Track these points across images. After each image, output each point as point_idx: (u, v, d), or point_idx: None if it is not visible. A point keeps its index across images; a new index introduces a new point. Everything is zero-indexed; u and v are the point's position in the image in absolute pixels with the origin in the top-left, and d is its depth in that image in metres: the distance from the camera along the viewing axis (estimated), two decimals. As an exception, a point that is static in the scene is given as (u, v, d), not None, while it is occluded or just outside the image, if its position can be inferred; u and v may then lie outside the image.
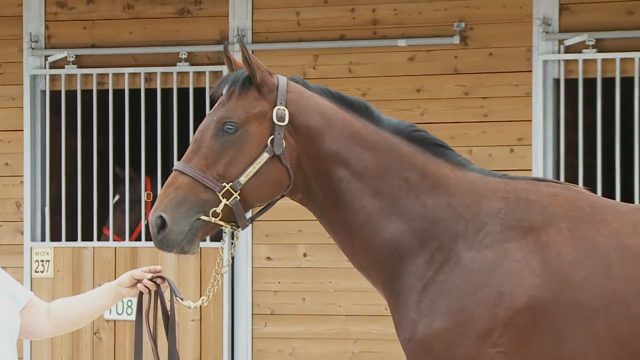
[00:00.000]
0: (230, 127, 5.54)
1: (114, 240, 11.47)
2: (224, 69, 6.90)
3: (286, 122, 5.54)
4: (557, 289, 5.47)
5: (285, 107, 5.55)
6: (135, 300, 5.78)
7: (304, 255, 10.86)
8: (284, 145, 5.53)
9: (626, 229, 5.55)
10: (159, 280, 5.60)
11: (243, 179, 5.51)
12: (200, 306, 5.80)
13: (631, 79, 10.34)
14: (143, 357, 5.80)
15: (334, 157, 5.65)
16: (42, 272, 11.34)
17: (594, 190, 7.86)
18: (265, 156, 5.53)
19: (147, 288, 5.64)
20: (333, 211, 5.73)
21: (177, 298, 5.62)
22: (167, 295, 5.69)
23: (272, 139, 5.53)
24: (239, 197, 5.52)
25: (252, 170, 5.51)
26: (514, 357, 5.47)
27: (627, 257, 5.48)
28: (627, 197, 10.16)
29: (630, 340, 5.42)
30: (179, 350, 5.84)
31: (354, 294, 10.06)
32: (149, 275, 5.60)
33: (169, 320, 5.72)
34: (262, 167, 5.53)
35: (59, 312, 5.67)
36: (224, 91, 5.66)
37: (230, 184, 5.51)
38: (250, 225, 5.87)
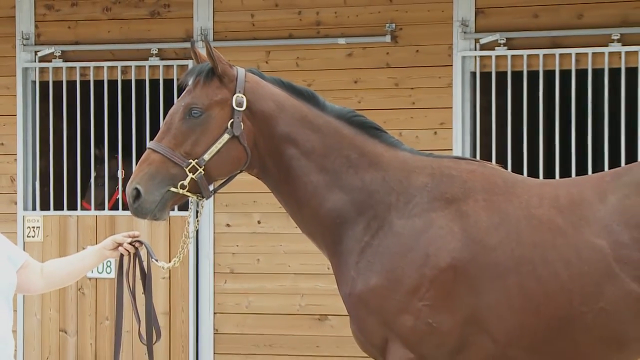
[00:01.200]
0: (195, 111, 5.57)
1: (94, 210, 11.42)
2: (190, 63, 6.90)
3: (244, 107, 5.57)
4: (475, 252, 5.49)
5: (244, 94, 5.57)
6: (114, 261, 5.77)
7: (258, 222, 10.84)
8: (242, 128, 5.55)
9: (534, 201, 5.58)
10: (137, 244, 5.61)
11: (207, 157, 5.55)
12: (171, 266, 5.82)
13: (536, 72, 10.37)
14: (123, 310, 5.79)
15: (286, 138, 5.66)
16: (33, 237, 11.29)
17: (505, 167, 7.87)
18: (225, 137, 5.56)
19: (127, 251, 5.64)
20: (285, 184, 5.74)
21: (153, 259, 5.64)
22: (144, 257, 5.70)
23: (232, 122, 5.56)
24: (203, 172, 5.55)
25: (214, 149, 5.54)
26: (438, 309, 5.49)
27: (534, 225, 5.51)
28: (533, 172, 10.20)
29: (536, 295, 5.45)
30: (154, 305, 5.84)
31: (301, 255, 10.06)
32: (129, 240, 5.62)
33: (146, 278, 5.72)
34: (223, 146, 5.56)
35: (51, 271, 5.65)
36: (190, 81, 5.70)
37: (196, 160, 5.54)
38: (213, 196, 5.88)
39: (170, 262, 5.83)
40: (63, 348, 11.24)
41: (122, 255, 5.61)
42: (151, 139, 5.75)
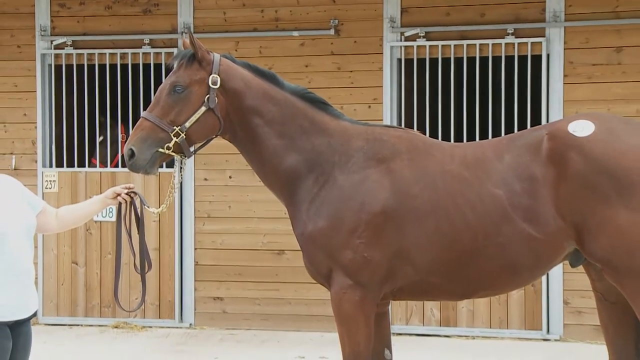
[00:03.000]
0: (179, 88, 5.56)
1: (99, 167, 11.38)
2: (175, 51, 6.81)
3: (218, 85, 5.54)
4: (400, 200, 5.49)
5: (218, 75, 5.55)
6: (115, 208, 5.74)
7: (230, 177, 10.81)
8: (217, 102, 5.52)
9: (447, 159, 5.58)
10: (132, 194, 5.62)
11: (187, 124, 5.54)
12: (160, 212, 5.83)
13: (448, 59, 10.39)
14: (121, 246, 5.77)
15: (252, 110, 5.64)
16: (50, 189, 11.21)
17: (424, 133, 7.91)
18: (203, 109, 5.55)
19: (124, 199, 5.63)
20: (251, 147, 5.73)
21: (145, 206, 5.64)
22: (138, 205, 5.69)
23: (208, 97, 5.55)
24: (185, 137, 5.55)
25: (193, 118, 5.53)
26: (371, 246, 5.49)
27: (447, 178, 5.51)
28: (446, 137, 10.23)
29: (448, 233, 5.47)
30: (146, 242, 5.84)
31: (264, 203, 10.04)
32: (125, 191, 5.62)
33: (139, 221, 5.71)
34: (201, 116, 5.55)
35: (64, 215, 5.62)
36: (175, 64, 5.69)
37: (179, 127, 5.53)
38: (193, 156, 5.87)
39: (159, 207, 5.84)
40: (74, 277, 11.19)
41: (120, 203, 5.62)
42: (144, 110, 5.73)
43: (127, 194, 5.58)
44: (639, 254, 5.16)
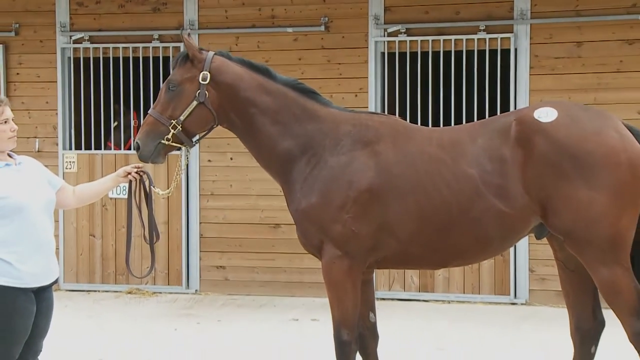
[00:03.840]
0: (173, 86, 5.59)
1: (114, 149, 11.34)
2: (182, 45, 6.76)
3: (208, 81, 5.54)
4: (384, 179, 5.48)
5: (209, 72, 5.54)
6: (127, 185, 5.72)
7: (231, 159, 10.78)
8: (207, 96, 5.52)
9: (425, 142, 5.56)
10: (141, 173, 5.62)
11: (182, 117, 5.55)
12: (162, 186, 5.85)
13: (427, 53, 10.35)
14: (132, 220, 5.76)
15: (247, 101, 5.63)
16: (70, 169, 11.18)
17: (405, 119, 7.89)
18: (194, 103, 5.56)
19: (135, 178, 5.62)
20: (248, 134, 5.71)
21: (152, 187, 5.66)
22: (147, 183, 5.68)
23: (199, 92, 5.52)
24: (181, 129, 5.55)
25: (187, 112, 5.55)
26: (358, 220, 5.48)
27: (426, 159, 5.50)
28: (424, 122, 10.23)
29: (427, 208, 5.46)
30: (155, 216, 5.83)
31: (262, 182, 9.99)
32: (135, 170, 5.62)
33: (148, 197, 5.71)
34: (194, 109, 5.57)
35: (80, 192, 5.60)
36: (173, 64, 5.70)
37: (175, 121, 5.57)
38: (198, 143, 5.87)
39: (166, 190, 5.87)
40: (92, 248, 11.17)
41: (130, 181, 5.60)
42: (153, 98, 5.74)
43: (137, 172, 5.56)
44: (597, 227, 5.16)
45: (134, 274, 5.95)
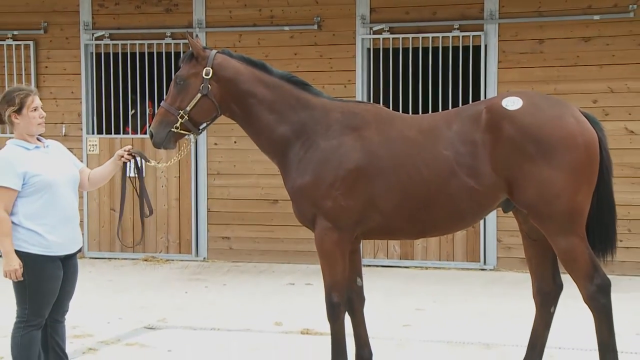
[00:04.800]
0: (180, 81, 5.56)
1: (131, 134, 11.30)
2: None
3: (210, 76, 5.50)
4: (370, 160, 5.47)
5: (211, 67, 5.49)
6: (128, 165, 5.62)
7: (235, 142, 10.73)
8: (210, 89, 5.48)
9: (406, 127, 5.54)
10: (133, 154, 5.49)
11: (189, 108, 5.52)
12: (176, 167, 5.83)
13: (408, 49, 10.33)
14: (125, 196, 5.74)
15: (247, 93, 5.59)
16: (92, 151, 11.15)
17: (388, 107, 7.88)
18: (199, 95, 5.54)
19: (127, 159, 5.58)
20: (248, 122, 5.68)
21: (146, 161, 5.65)
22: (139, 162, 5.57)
23: (202, 86, 5.49)
24: (187, 118, 5.50)
25: (192, 103, 5.51)
26: (347, 196, 5.46)
27: (406, 142, 5.48)
28: (405, 110, 10.22)
29: (408, 186, 5.44)
30: (147, 192, 5.79)
31: (262, 163, 9.87)
32: (126, 153, 5.49)
33: (139, 174, 5.60)
34: (198, 101, 5.52)
35: (92, 176, 5.60)
36: (180, 62, 5.62)
37: (183, 111, 5.50)
38: (204, 131, 5.85)
39: (161, 163, 5.88)
40: (112, 220, 11.14)
41: (124, 162, 5.48)
42: (166, 89, 5.71)
43: (128, 154, 5.49)
44: (557, 202, 5.15)
45: (122, 242, 5.91)
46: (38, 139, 5.27)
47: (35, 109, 5.19)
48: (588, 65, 9.86)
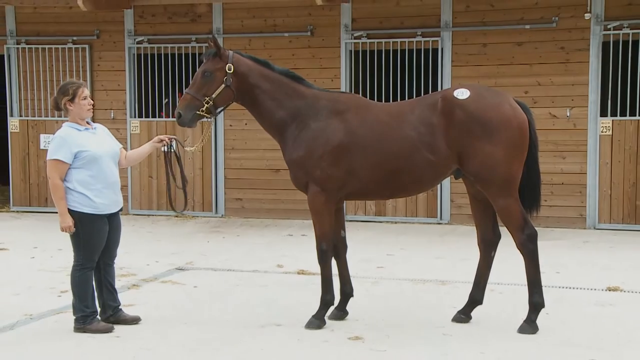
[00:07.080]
0: (207, 73, 5.42)
1: (165, 118, 11.18)
2: (204, 46, 6.60)
3: (232, 71, 5.38)
4: (351, 138, 5.40)
5: (232, 64, 5.37)
6: (165, 148, 5.53)
7: (245, 124, 10.64)
8: (231, 81, 5.36)
9: (380, 113, 5.48)
10: (172, 139, 5.46)
11: (214, 96, 5.41)
12: (199, 148, 5.76)
13: (381, 50, 10.25)
14: (169, 171, 5.61)
15: (254, 85, 5.49)
16: (134, 131, 11.03)
17: (365, 96, 7.79)
18: (223, 86, 5.43)
19: (167, 142, 5.49)
20: (254, 107, 5.59)
21: (182, 146, 5.53)
22: (175, 146, 5.52)
23: (226, 78, 5.38)
24: (212, 103, 5.37)
25: (217, 92, 5.40)
26: (332, 166, 5.40)
27: (380, 124, 5.41)
28: (380, 99, 10.14)
29: (380, 159, 5.39)
30: (184, 167, 5.69)
31: (267, 140, 9.68)
32: (167, 137, 5.46)
33: (177, 155, 5.54)
34: (222, 91, 5.42)
35: (130, 156, 5.54)
36: (205, 58, 5.51)
37: (209, 97, 5.38)
38: (224, 110, 5.73)
39: (193, 147, 5.77)
40: (150, 186, 11.07)
41: (164, 145, 5.40)
42: (187, 86, 5.57)
43: (168, 139, 5.42)
44: (496, 170, 5.12)
45: (176, 210, 5.82)
46: (87, 122, 5.24)
47: (85, 98, 5.17)
48: (521, 64, 9.86)
